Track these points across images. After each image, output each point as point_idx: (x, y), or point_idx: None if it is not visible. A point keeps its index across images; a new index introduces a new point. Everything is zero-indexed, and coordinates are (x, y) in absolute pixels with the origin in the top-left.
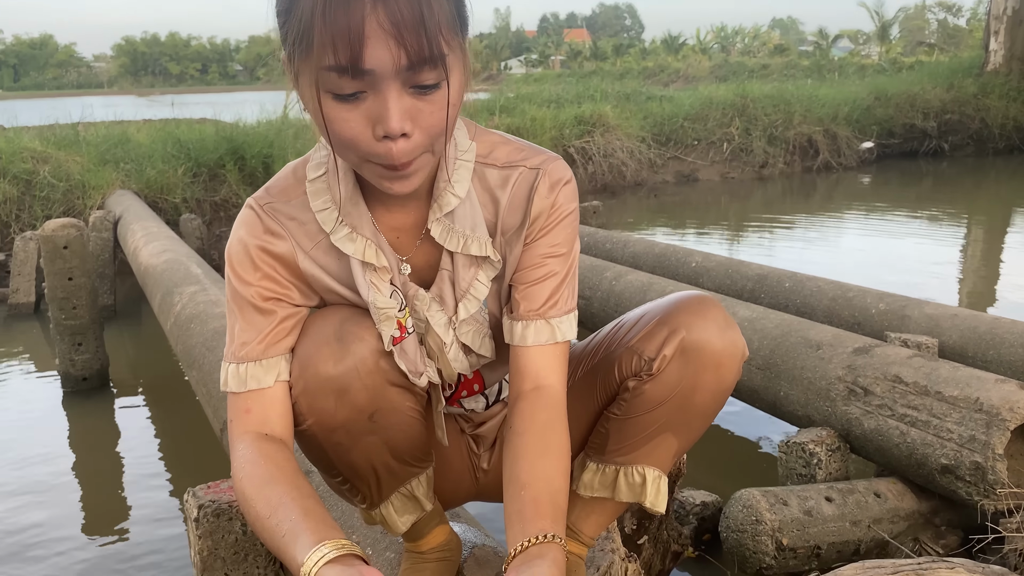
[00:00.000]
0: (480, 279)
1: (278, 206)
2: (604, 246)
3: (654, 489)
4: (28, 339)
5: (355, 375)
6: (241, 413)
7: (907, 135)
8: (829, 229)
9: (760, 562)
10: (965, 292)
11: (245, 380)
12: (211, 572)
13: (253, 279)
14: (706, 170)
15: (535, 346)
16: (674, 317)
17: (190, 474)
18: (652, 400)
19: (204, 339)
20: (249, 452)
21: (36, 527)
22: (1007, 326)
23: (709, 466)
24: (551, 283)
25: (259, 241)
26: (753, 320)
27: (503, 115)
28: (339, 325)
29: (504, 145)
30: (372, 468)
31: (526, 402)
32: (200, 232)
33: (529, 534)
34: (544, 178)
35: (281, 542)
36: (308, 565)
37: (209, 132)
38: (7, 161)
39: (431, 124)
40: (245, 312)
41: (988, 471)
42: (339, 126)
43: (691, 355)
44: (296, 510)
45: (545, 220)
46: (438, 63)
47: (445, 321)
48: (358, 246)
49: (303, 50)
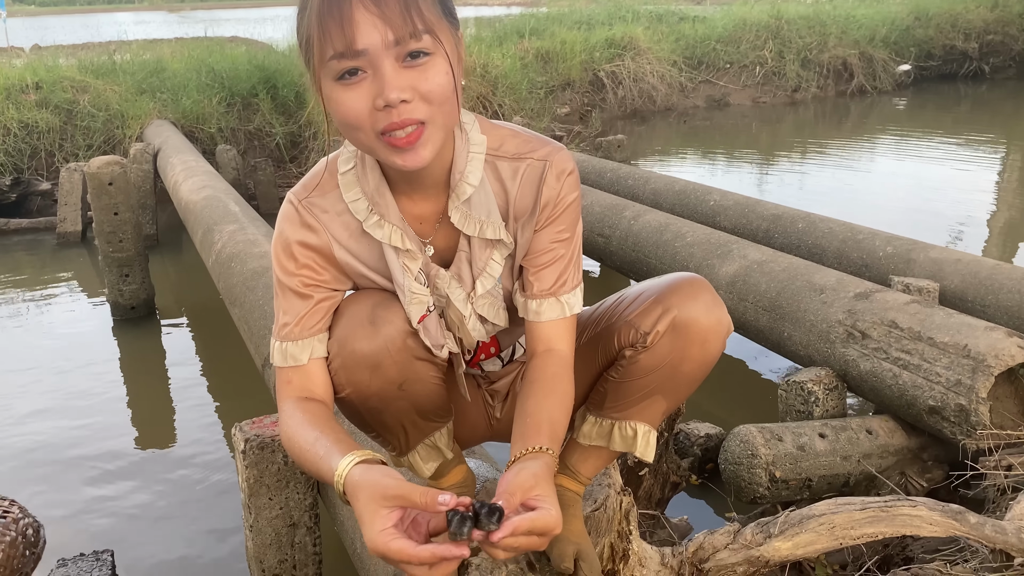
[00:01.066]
0: (495, 259)
1: (314, 200)
2: (626, 182)
3: (644, 442)
4: (77, 266)
5: (386, 352)
6: (284, 384)
7: (946, 57)
8: (860, 155)
9: (754, 492)
10: (999, 221)
11: (285, 357)
12: (257, 497)
13: (294, 269)
14: (737, 94)
15: (548, 321)
16: (668, 297)
17: (235, 400)
18: (645, 368)
19: (244, 278)
20: (291, 410)
21: (91, 443)
22: (1007, 272)
23: (716, 399)
24: (559, 265)
25: (298, 236)
26: (763, 263)
27: (533, 37)
28: (371, 309)
29: (513, 138)
30: (401, 425)
31: (539, 359)
32: (236, 163)
33: (527, 446)
34: (551, 169)
35: (320, 463)
36: (340, 468)
37: (242, 59)
38: (48, 91)
39: (429, 90)
40: (287, 297)
41: (971, 413)
42: (345, 107)
43: (681, 331)
44: (330, 439)
45: (552, 209)
46: (422, 35)
47: (464, 296)
48: (386, 231)
49: (313, 50)
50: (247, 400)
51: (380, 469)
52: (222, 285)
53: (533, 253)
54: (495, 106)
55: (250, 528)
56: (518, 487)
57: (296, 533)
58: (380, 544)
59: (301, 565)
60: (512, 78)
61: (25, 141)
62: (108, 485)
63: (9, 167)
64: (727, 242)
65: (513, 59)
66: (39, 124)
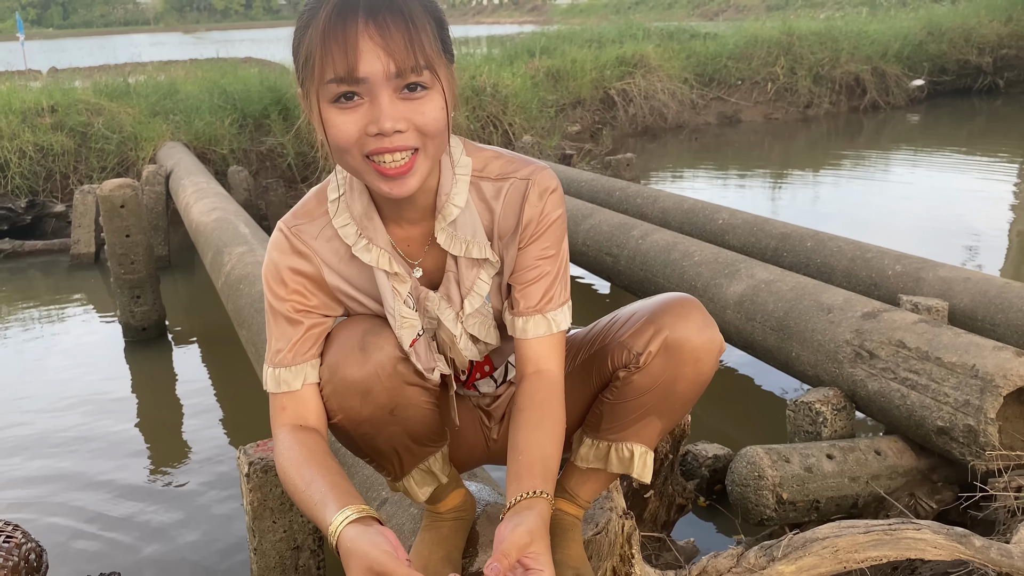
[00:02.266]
0: (482, 277)
1: (304, 227)
2: (635, 201)
3: (641, 463)
4: (89, 288)
5: (376, 379)
6: (278, 410)
7: (960, 72)
8: (873, 171)
9: (761, 514)
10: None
11: (279, 383)
12: (261, 520)
13: (284, 294)
14: (749, 111)
15: (535, 338)
16: (660, 317)
17: (244, 422)
18: (639, 388)
19: (252, 300)
20: (287, 440)
21: (99, 465)
22: (1017, 290)
23: (725, 420)
24: (544, 282)
25: (288, 262)
26: (770, 282)
27: (543, 56)
28: (361, 336)
29: (496, 159)
30: (394, 450)
31: (528, 383)
32: (247, 184)
33: (521, 491)
34: (533, 187)
35: (314, 509)
36: (335, 524)
37: (254, 80)
38: (63, 113)
39: (423, 124)
40: (279, 322)
41: (980, 434)
42: (338, 130)
43: (673, 351)
44: (325, 484)
45: (535, 227)
46: (423, 70)
47: (453, 316)
48: (374, 255)
49: (311, 70)
50: (256, 422)
51: (372, 533)
52: (231, 307)
53: (519, 271)
54: (505, 125)
55: (254, 551)
56: (513, 546)
57: (300, 556)
58: None
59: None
60: (523, 97)
61: (40, 164)
62: (114, 508)
63: (24, 189)
64: (735, 261)
65: (524, 78)
66: (54, 147)
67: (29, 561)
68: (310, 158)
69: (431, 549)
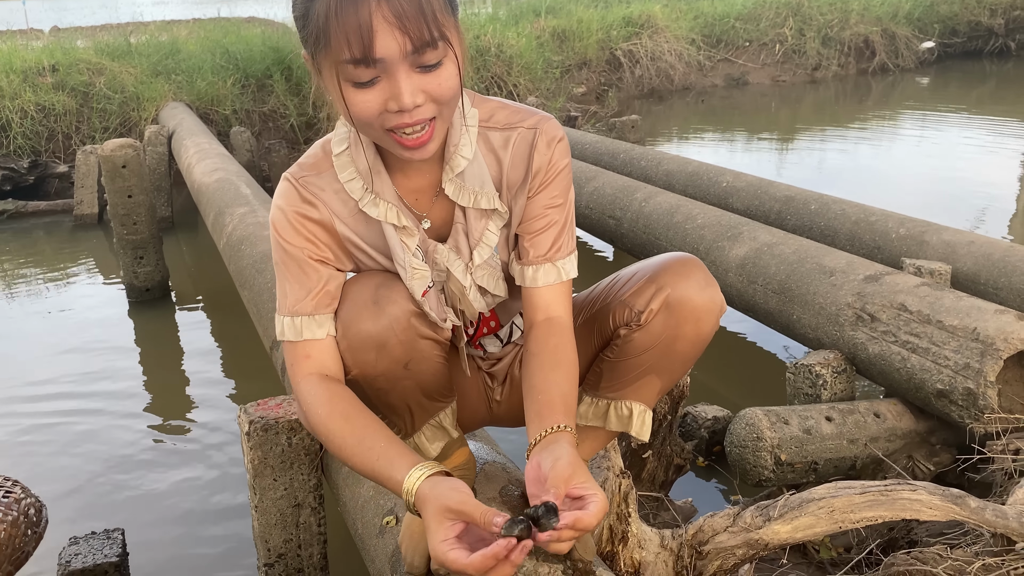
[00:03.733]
0: (490, 228)
1: (311, 179)
2: (639, 163)
3: (639, 421)
4: (93, 248)
5: (391, 332)
6: (301, 359)
7: (971, 33)
8: (881, 135)
9: (759, 475)
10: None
11: (301, 331)
12: (262, 478)
13: (296, 241)
14: (756, 73)
15: (545, 286)
16: (661, 276)
17: (246, 382)
18: (640, 347)
19: (254, 261)
20: (319, 391)
21: (107, 417)
22: (1021, 254)
23: (725, 382)
24: (553, 231)
25: (297, 208)
26: (772, 245)
27: (549, 16)
28: (374, 290)
29: (502, 109)
30: (407, 406)
31: (539, 330)
32: (250, 144)
33: (545, 427)
34: (541, 136)
35: (376, 464)
36: (410, 481)
37: (256, 40)
38: (64, 73)
39: (439, 95)
40: (293, 272)
41: (979, 397)
42: (360, 108)
43: (674, 310)
44: (381, 439)
45: (544, 175)
46: (438, 44)
47: (463, 267)
48: (381, 209)
49: (322, 48)
50: (258, 382)
51: (447, 482)
52: (233, 268)
53: (528, 220)
54: (510, 86)
55: (255, 508)
56: (559, 479)
57: (301, 513)
58: (439, 554)
59: (306, 545)
60: (527, 57)
61: (42, 124)
62: (116, 465)
63: (27, 150)
64: (738, 224)
65: (529, 38)
66: (56, 107)
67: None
68: (313, 119)
69: None
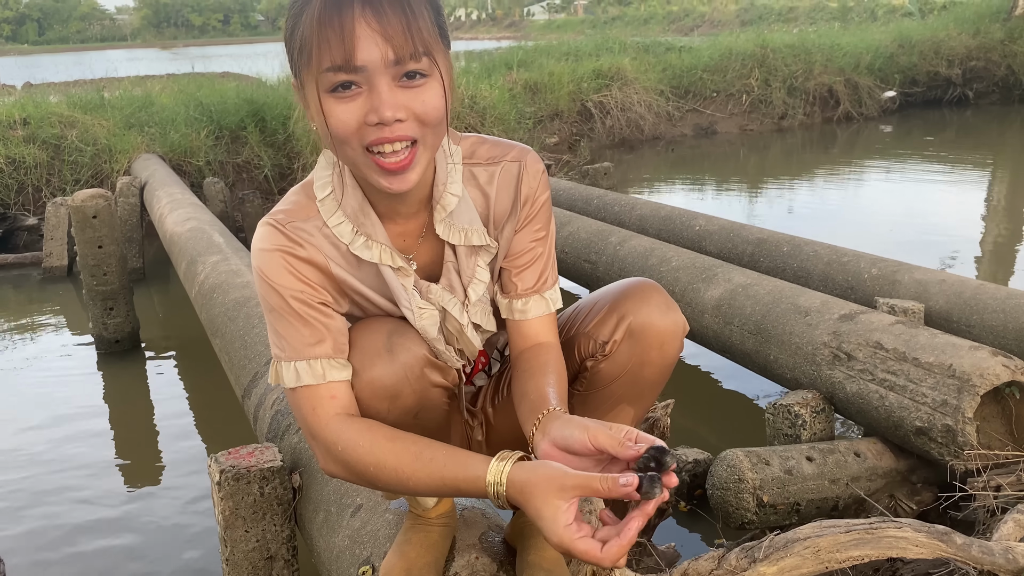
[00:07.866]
0: (480, 264)
1: (298, 224)
2: (613, 209)
3: None
4: (62, 300)
5: (406, 382)
6: (326, 400)
7: (931, 83)
8: (848, 180)
9: (742, 517)
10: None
11: (324, 374)
12: (233, 529)
13: (291, 284)
14: (724, 122)
15: (535, 318)
16: (622, 304)
17: (217, 432)
18: (607, 377)
19: (226, 308)
20: (354, 426)
21: (75, 473)
22: (991, 292)
23: (704, 424)
24: (539, 264)
25: (286, 248)
26: (747, 286)
27: (521, 69)
28: (387, 337)
29: (482, 144)
30: None
31: (529, 352)
32: (223, 195)
33: (540, 412)
34: (526, 168)
35: (444, 472)
36: (494, 473)
37: (230, 93)
38: (36, 126)
39: (421, 113)
40: (293, 316)
41: (958, 433)
42: (338, 119)
43: (638, 337)
44: (438, 448)
45: (531, 207)
46: (421, 56)
47: (459, 306)
48: (375, 252)
49: (306, 59)
50: (230, 431)
51: (542, 463)
52: (204, 316)
53: (513, 255)
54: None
55: (226, 561)
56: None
57: (274, 566)
58: (567, 541)
59: None
60: (501, 108)
61: (12, 176)
62: (84, 519)
63: None
64: (712, 266)
65: (501, 90)
66: (26, 159)
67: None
68: (287, 169)
69: (419, 552)
